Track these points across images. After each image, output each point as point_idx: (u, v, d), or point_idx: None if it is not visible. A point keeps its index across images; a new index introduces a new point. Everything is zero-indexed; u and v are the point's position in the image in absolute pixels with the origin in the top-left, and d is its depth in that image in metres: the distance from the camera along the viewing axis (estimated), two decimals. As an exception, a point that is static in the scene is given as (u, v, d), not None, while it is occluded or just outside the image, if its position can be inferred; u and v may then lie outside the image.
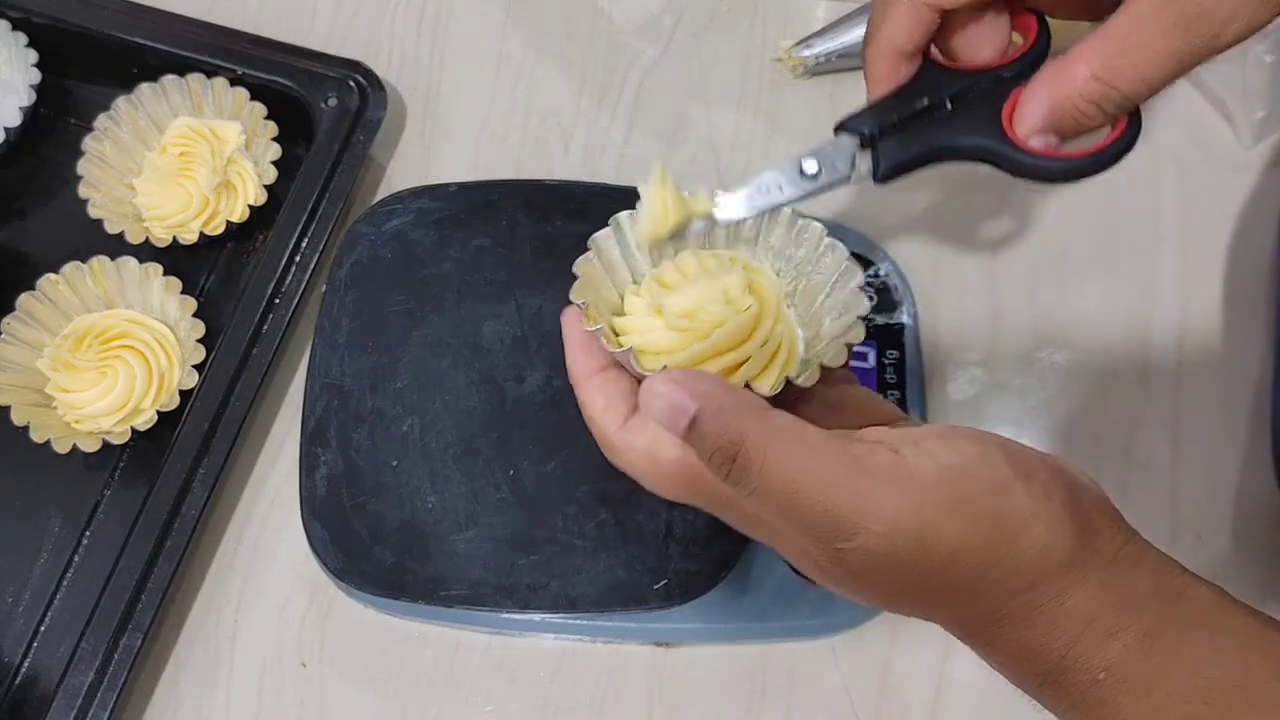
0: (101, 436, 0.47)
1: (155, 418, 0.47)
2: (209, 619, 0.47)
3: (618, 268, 0.36)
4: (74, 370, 0.48)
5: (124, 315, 0.49)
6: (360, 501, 0.44)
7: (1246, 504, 0.47)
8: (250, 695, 0.46)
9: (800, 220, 0.36)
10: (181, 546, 0.44)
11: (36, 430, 0.46)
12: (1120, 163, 0.33)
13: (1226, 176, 0.53)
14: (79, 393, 0.47)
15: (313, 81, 0.52)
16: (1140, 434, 0.49)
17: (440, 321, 0.47)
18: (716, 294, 0.33)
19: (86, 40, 0.54)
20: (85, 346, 0.48)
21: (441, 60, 0.57)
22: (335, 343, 0.47)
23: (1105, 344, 0.50)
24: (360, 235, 0.48)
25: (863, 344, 0.47)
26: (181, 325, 0.49)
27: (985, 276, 0.52)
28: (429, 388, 0.46)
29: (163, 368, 0.48)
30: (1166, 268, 0.52)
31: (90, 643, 0.43)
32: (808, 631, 0.45)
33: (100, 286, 0.50)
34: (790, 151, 0.54)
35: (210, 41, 0.53)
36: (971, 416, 0.49)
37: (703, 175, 0.54)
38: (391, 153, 0.56)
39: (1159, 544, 0.47)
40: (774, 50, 0.56)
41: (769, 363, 0.34)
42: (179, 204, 0.51)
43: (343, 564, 0.44)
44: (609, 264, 0.36)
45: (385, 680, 0.46)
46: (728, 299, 0.33)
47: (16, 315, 0.48)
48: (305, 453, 0.45)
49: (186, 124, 0.52)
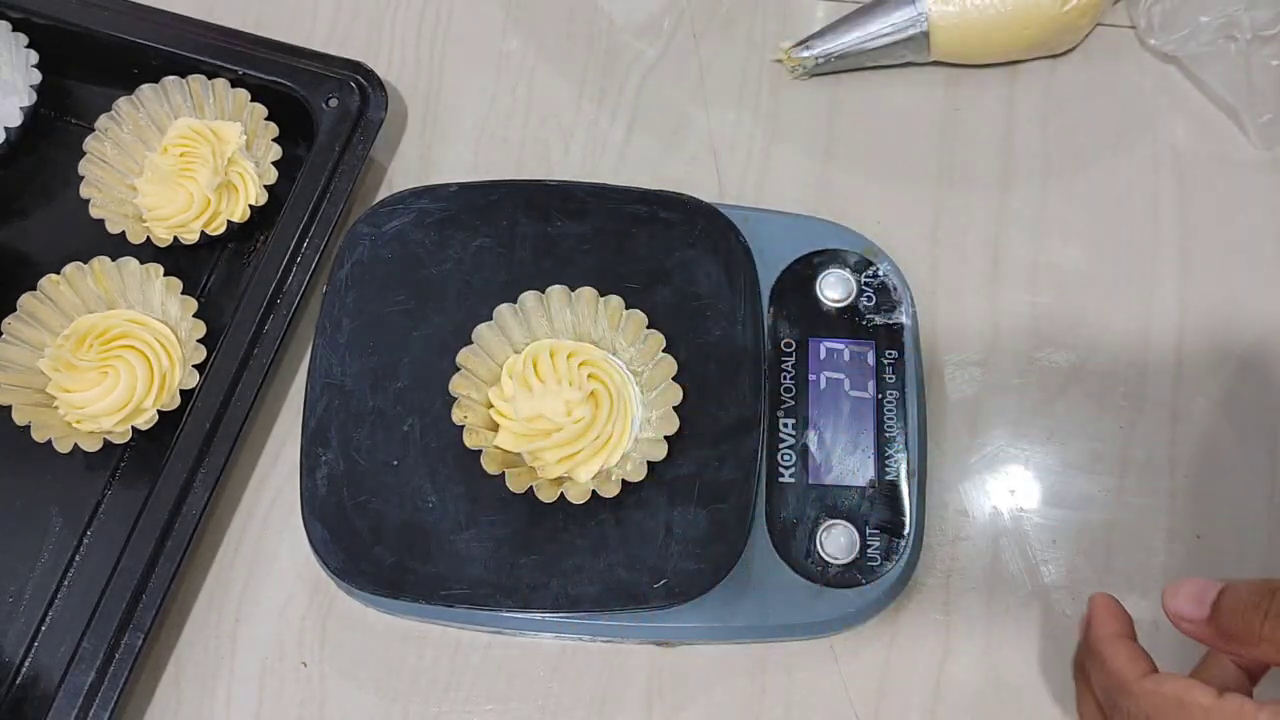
0: (103, 436, 0.47)
1: (156, 417, 0.47)
2: (209, 619, 0.47)
3: (496, 352, 0.45)
4: (75, 370, 0.48)
5: (125, 315, 0.49)
6: (361, 501, 0.44)
7: (1246, 504, 0.47)
8: (250, 695, 0.46)
9: (646, 332, 0.44)
10: (182, 546, 0.45)
11: (38, 430, 0.46)
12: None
13: (1227, 176, 0.53)
14: (80, 393, 0.47)
15: (313, 82, 0.52)
16: (1140, 434, 0.49)
17: (441, 321, 0.47)
18: (559, 405, 0.43)
19: (87, 41, 0.54)
20: (86, 347, 0.48)
21: (442, 61, 0.57)
22: (336, 343, 0.47)
23: (1105, 344, 0.50)
24: (361, 235, 0.49)
25: (862, 344, 0.47)
26: (182, 325, 0.49)
27: (985, 276, 0.52)
28: (430, 388, 0.46)
29: (164, 368, 0.48)
30: (1166, 268, 0.52)
31: (91, 642, 0.43)
32: (808, 631, 0.45)
33: (101, 287, 0.50)
34: (789, 151, 0.54)
35: (211, 42, 0.53)
36: (971, 416, 0.49)
37: (703, 175, 0.54)
38: (392, 153, 0.56)
39: (1158, 544, 0.47)
40: (774, 50, 0.56)
41: (596, 453, 0.43)
42: (180, 204, 0.51)
43: (343, 564, 0.44)
44: (490, 351, 0.45)
45: (385, 680, 0.46)
46: (567, 410, 0.43)
47: (18, 315, 0.48)
48: (306, 453, 0.45)
49: (187, 124, 0.53)
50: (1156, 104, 0.55)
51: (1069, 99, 0.55)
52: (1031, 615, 0.46)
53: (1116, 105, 0.55)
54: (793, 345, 0.47)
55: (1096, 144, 0.54)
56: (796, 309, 0.48)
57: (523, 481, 0.43)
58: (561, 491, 0.42)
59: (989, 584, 0.47)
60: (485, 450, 0.43)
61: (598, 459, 0.44)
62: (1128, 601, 0.40)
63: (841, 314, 0.48)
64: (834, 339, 0.47)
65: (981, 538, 0.47)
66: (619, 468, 0.43)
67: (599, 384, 0.44)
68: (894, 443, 0.45)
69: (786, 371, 0.47)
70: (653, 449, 0.43)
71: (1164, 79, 0.55)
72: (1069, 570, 0.47)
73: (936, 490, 0.48)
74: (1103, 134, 0.54)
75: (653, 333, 0.45)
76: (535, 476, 0.43)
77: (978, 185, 0.53)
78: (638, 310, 0.45)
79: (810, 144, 0.55)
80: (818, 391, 0.46)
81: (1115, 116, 0.55)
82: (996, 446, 0.49)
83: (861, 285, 0.48)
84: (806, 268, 0.48)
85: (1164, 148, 0.54)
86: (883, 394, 0.46)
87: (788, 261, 0.48)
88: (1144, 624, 0.45)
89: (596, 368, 0.44)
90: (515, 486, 0.42)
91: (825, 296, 0.48)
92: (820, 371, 0.47)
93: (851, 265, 0.48)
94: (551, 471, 0.44)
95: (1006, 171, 0.54)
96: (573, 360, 0.44)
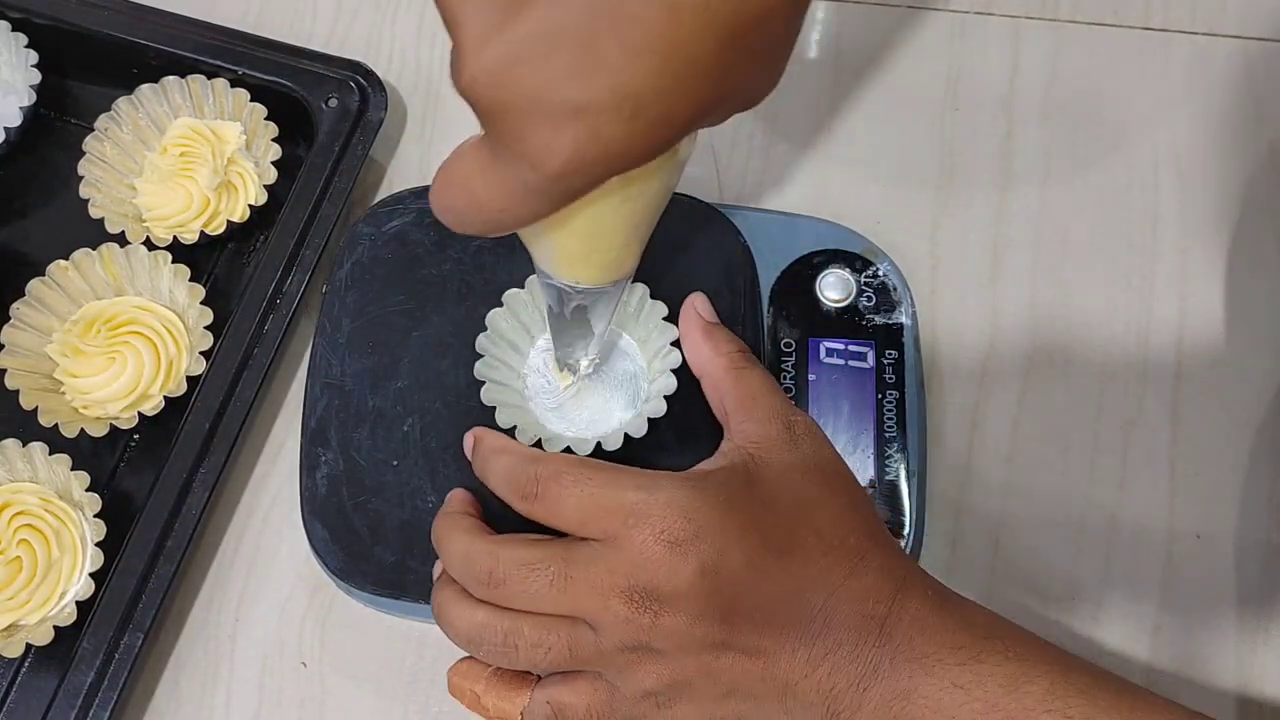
0: (109, 422, 0.47)
1: (163, 403, 0.47)
2: (209, 619, 0.47)
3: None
4: (83, 356, 0.48)
5: (133, 302, 0.50)
6: (361, 501, 0.44)
7: (1246, 504, 0.47)
8: (250, 695, 0.46)
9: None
10: (182, 546, 0.44)
11: (44, 415, 0.46)
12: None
13: (1227, 176, 0.53)
14: (87, 378, 0.48)
15: (313, 82, 0.52)
16: (1140, 434, 0.49)
17: (440, 321, 0.47)
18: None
19: (87, 41, 0.54)
20: (94, 332, 0.48)
21: (442, 61, 0.57)
22: (336, 343, 0.47)
23: (1105, 344, 0.50)
24: (361, 235, 0.49)
25: (862, 344, 0.47)
26: (190, 312, 0.49)
27: (985, 276, 0.52)
28: (429, 388, 0.46)
29: (171, 354, 0.48)
30: (1166, 268, 0.52)
31: (91, 642, 0.43)
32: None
33: (110, 273, 0.50)
34: (789, 151, 0.54)
35: (211, 42, 0.53)
36: (971, 416, 0.49)
37: (703, 175, 0.54)
38: (392, 153, 0.56)
39: (1159, 543, 0.47)
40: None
41: None
42: (180, 204, 0.51)
43: (343, 564, 0.44)
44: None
45: (385, 680, 0.46)
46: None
47: (26, 301, 0.48)
48: (306, 452, 0.45)
49: (187, 124, 0.53)
50: (1155, 101, 0.55)
51: (1069, 99, 0.55)
52: (1031, 615, 0.46)
53: (1117, 105, 0.55)
54: (793, 345, 0.47)
55: (1096, 144, 0.54)
56: (796, 309, 0.48)
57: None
58: None
59: (989, 584, 0.47)
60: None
61: None
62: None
63: (841, 314, 0.48)
64: (834, 339, 0.47)
65: (981, 538, 0.47)
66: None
67: None
68: (894, 443, 0.45)
69: (786, 371, 0.47)
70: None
71: (1165, 78, 0.55)
72: (1069, 570, 0.47)
73: (936, 490, 0.48)
74: (1103, 134, 0.54)
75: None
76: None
77: (978, 185, 0.53)
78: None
79: (810, 144, 0.55)
80: (818, 391, 0.46)
81: (1116, 116, 0.55)
82: (996, 446, 0.49)
83: (861, 285, 0.48)
84: (806, 268, 0.48)
85: (1164, 148, 0.54)
86: (882, 394, 0.46)
87: (788, 261, 0.48)
88: (1145, 626, 0.46)
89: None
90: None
91: (825, 296, 0.48)
92: (820, 371, 0.47)
93: (851, 265, 0.48)
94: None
95: (1006, 171, 0.54)
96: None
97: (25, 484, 0.46)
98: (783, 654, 0.36)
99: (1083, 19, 0.57)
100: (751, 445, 0.40)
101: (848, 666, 0.35)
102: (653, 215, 0.35)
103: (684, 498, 0.36)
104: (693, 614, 0.35)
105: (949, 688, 0.34)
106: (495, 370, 0.45)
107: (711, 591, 0.35)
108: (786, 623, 0.36)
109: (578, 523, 0.37)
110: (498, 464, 0.40)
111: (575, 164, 0.27)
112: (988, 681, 0.34)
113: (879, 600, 0.36)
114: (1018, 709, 0.34)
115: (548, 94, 0.26)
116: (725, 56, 0.27)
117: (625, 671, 0.37)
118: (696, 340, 0.44)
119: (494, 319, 0.45)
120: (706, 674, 0.36)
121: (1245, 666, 0.45)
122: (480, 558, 0.38)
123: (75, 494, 0.45)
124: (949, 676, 0.35)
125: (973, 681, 0.34)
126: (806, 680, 0.36)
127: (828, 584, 0.36)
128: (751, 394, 0.41)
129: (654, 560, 0.35)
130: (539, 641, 0.37)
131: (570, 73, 0.26)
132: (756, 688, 0.36)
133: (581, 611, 0.36)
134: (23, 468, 0.47)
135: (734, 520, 0.36)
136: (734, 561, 0.36)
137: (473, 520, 0.41)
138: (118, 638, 0.43)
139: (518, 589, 0.37)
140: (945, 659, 0.35)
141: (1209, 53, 0.56)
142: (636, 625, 0.36)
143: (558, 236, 0.33)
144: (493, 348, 0.45)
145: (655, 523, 0.36)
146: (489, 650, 0.38)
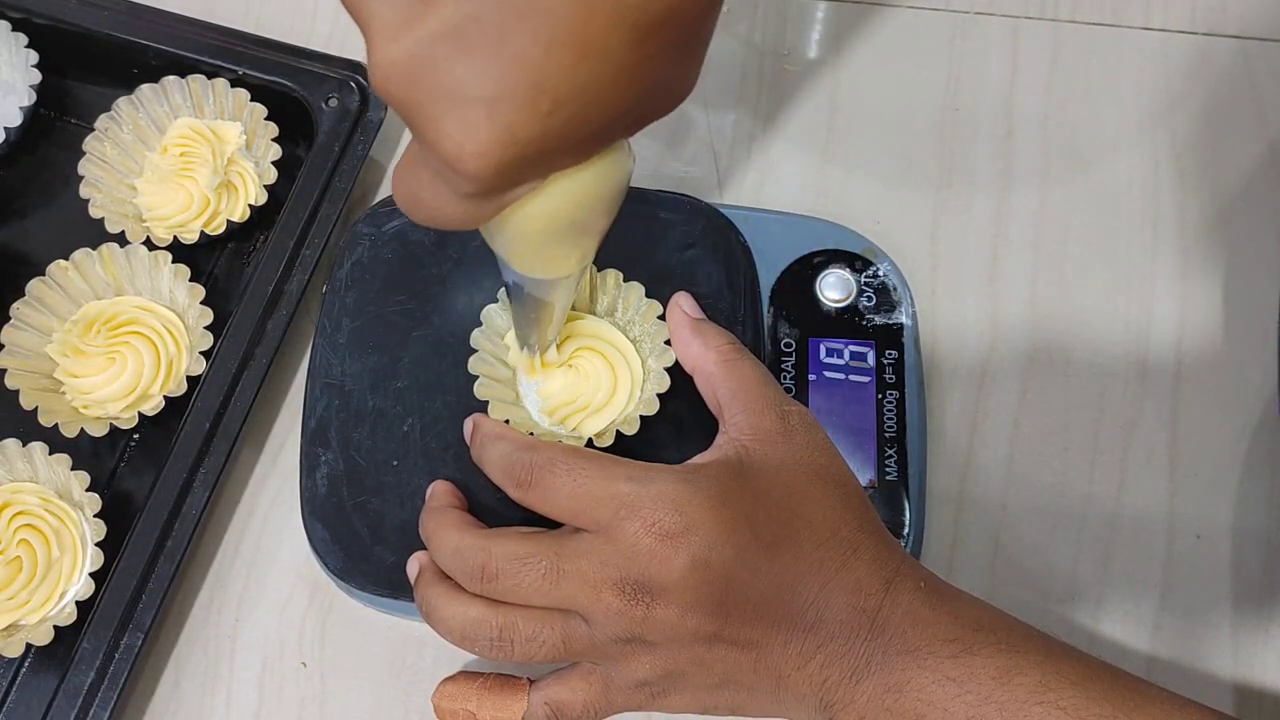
0: (109, 422, 0.47)
1: (163, 403, 0.47)
2: (209, 619, 0.47)
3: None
4: (83, 356, 0.48)
5: (133, 302, 0.50)
6: (361, 501, 0.44)
7: (1246, 504, 0.47)
8: (250, 695, 0.46)
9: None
10: (182, 546, 0.44)
11: (45, 414, 0.46)
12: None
13: (1227, 176, 0.53)
14: (87, 378, 0.48)
15: (313, 82, 0.52)
16: (1139, 434, 0.49)
17: (440, 321, 0.47)
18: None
19: (87, 41, 0.54)
20: (94, 332, 0.48)
21: (442, 61, 0.57)
22: (336, 343, 0.47)
23: (1105, 344, 0.50)
24: (361, 235, 0.49)
25: (862, 344, 0.47)
26: (190, 312, 0.49)
27: (985, 276, 0.52)
28: (429, 388, 0.46)
29: (171, 354, 0.48)
30: (1166, 268, 0.52)
31: (91, 642, 0.43)
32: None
33: (110, 273, 0.50)
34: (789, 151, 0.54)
35: (211, 42, 0.53)
36: (971, 416, 0.49)
37: (703, 175, 0.54)
38: (392, 153, 0.56)
39: (1159, 544, 0.47)
40: (774, 50, 0.56)
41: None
42: (180, 204, 0.51)
43: (343, 564, 0.44)
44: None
45: (385, 680, 0.46)
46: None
47: (26, 301, 0.48)
48: (306, 453, 0.45)
49: (187, 124, 0.53)
50: (1155, 100, 0.55)
51: (1069, 99, 0.55)
52: (1031, 615, 0.46)
53: (1116, 105, 0.55)
54: (793, 345, 0.47)
55: (1096, 144, 0.54)
56: (796, 309, 0.48)
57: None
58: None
59: (989, 584, 0.47)
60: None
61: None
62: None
63: (841, 314, 0.48)
64: (834, 339, 0.47)
65: (981, 538, 0.47)
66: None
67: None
68: (894, 443, 0.45)
69: (786, 371, 0.47)
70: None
71: (1165, 78, 0.55)
72: (1069, 570, 0.47)
73: (937, 490, 0.48)
74: (1103, 134, 0.54)
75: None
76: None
77: (978, 185, 0.53)
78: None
79: (810, 144, 0.55)
80: (818, 391, 0.46)
81: (1116, 116, 0.55)
82: (996, 446, 0.49)
83: (861, 285, 0.48)
84: (806, 268, 0.48)
85: (1164, 148, 0.54)
86: (883, 394, 0.46)
87: (788, 261, 0.48)
88: (1145, 624, 0.46)
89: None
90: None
91: (825, 296, 0.48)
92: (820, 371, 0.47)
93: (851, 265, 0.48)
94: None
95: (1006, 171, 0.54)
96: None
97: (25, 484, 0.46)
98: (775, 646, 0.36)
99: (1082, 19, 0.57)
100: (745, 437, 0.40)
101: (840, 660, 0.36)
102: (599, 217, 0.34)
103: (675, 490, 0.36)
104: (684, 606, 0.35)
105: (941, 680, 0.35)
106: (489, 365, 0.45)
107: (703, 584, 0.35)
108: (778, 615, 0.36)
109: (570, 512, 0.37)
110: (495, 450, 0.40)
111: (492, 162, 0.26)
112: (980, 674, 0.35)
113: (871, 593, 0.36)
114: (1010, 701, 0.34)
115: (460, 90, 0.25)
116: (640, 50, 0.26)
117: (619, 662, 0.37)
118: (685, 337, 0.44)
119: (489, 314, 0.45)
120: (699, 665, 0.36)
121: (1245, 666, 0.45)
122: (472, 552, 0.38)
123: (75, 494, 0.45)
124: (941, 669, 0.35)
125: (965, 674, 0.35)
126: (799, 673, 0.36)
127: (820, 577, 0.36)
128: (744, 386, 0.41)
129: (645, 552, 0.35)
130: (533, 635, 0.37)
131: (483, 68, 0.25)
132: (749, 679, 0.37)
133: (574, 604, 0.37)
134: (23, 467, 0.46)
135: (726, 513, 0.36)
136: (725, 554, 0.36)
137: (461, 514, 0.41)
138: (118, 638, 0.43)
139: (510, 583, 0.37)
140: (937, 651, 0.35)
141: (1209, 53, 0.56)
142: (629, 617, 0.36)
143: (503, 234, 0.33)
144: (487, 343, 0.45)
145: (646, 515, 0.36)
146: (483, 646, 0.38)
